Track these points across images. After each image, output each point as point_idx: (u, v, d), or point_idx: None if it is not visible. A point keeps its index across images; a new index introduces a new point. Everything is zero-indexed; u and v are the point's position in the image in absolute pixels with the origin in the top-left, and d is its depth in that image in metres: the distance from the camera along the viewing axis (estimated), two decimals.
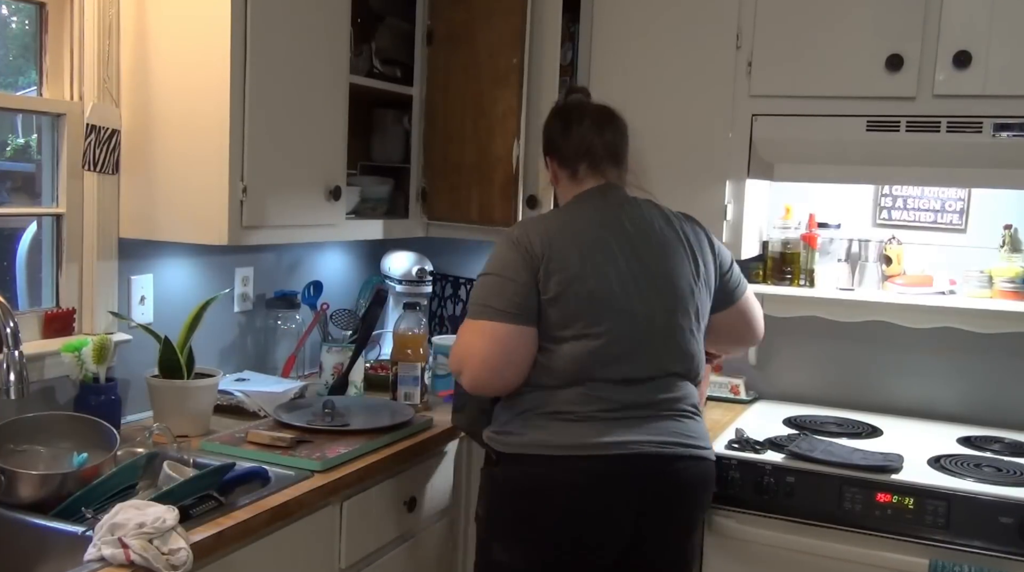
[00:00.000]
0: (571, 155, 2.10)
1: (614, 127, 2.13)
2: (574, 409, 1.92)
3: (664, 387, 1.99)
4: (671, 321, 2.00)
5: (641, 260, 1.99)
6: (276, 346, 2.82)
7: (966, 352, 2.74)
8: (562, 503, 1.91)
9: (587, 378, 1.93)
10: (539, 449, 1.92)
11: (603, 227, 2.01)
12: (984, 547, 2.08)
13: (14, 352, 1.72)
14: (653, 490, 1.93)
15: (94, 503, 1.71)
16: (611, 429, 1.91)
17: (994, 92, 2.31)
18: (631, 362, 1.95)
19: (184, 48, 2.15)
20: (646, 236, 2.03)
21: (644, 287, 1.97)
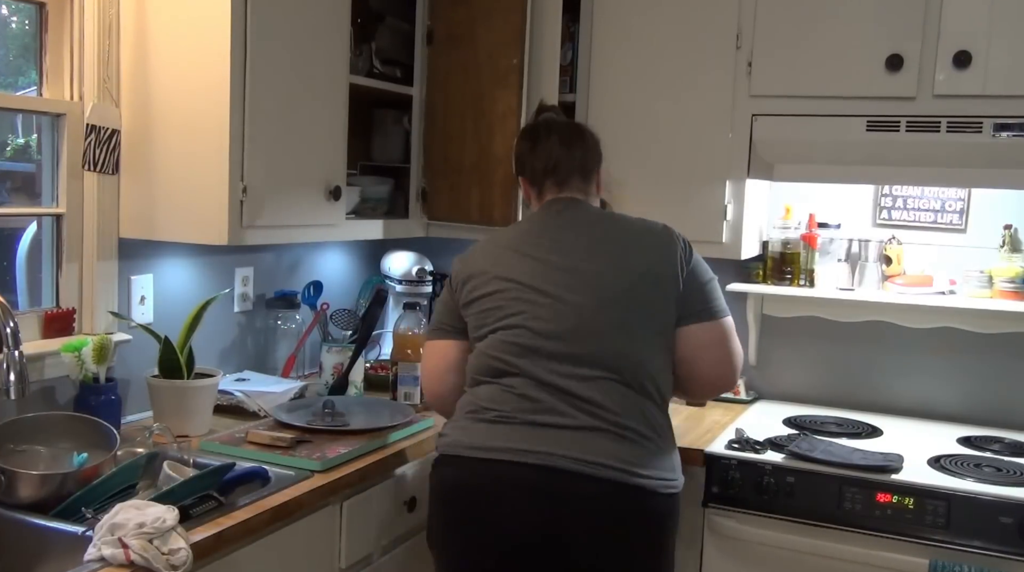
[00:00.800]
0: (538, 172, 2.08)
1: (583, 142, 2.10)
2: (491, 406, 1.89)
3: (601, 394, 1.84)
4: (605, 316, 1.88)
5: (568, 257, 1.93)
6: (276, 346, 2.82)
7: (966, 352, 2.74)
8: (458, 502, 1.89)
9: (507, 370, 1.88)
10: (452, 449, 1.91)
11: (529, 233, 2.02)
12: (984, 547, 2.08)
13: (14, 352, 1.72)
14: (547, 506, 1.80)
15: (94, 503, 1.71)
16: (518, 433, 1.83)
17: (994, 92, 2.31)
18: (554, 350, 1.86)
19: (184, 48, 2.15)
20: (582, 237, 1.97)
21: (569, 281, 1.90)
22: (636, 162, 2.70)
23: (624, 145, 2.71)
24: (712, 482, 2.32)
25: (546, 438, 1.82)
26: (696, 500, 2.35)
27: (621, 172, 2.72)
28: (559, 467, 1.79)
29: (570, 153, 2.08)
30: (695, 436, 2.48)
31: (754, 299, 2.90)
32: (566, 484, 1.79)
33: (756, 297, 2.89)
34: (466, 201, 2.81)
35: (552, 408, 1.84)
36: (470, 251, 2.08)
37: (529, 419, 1.84)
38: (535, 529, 1.81)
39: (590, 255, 1.95)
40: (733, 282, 2.85)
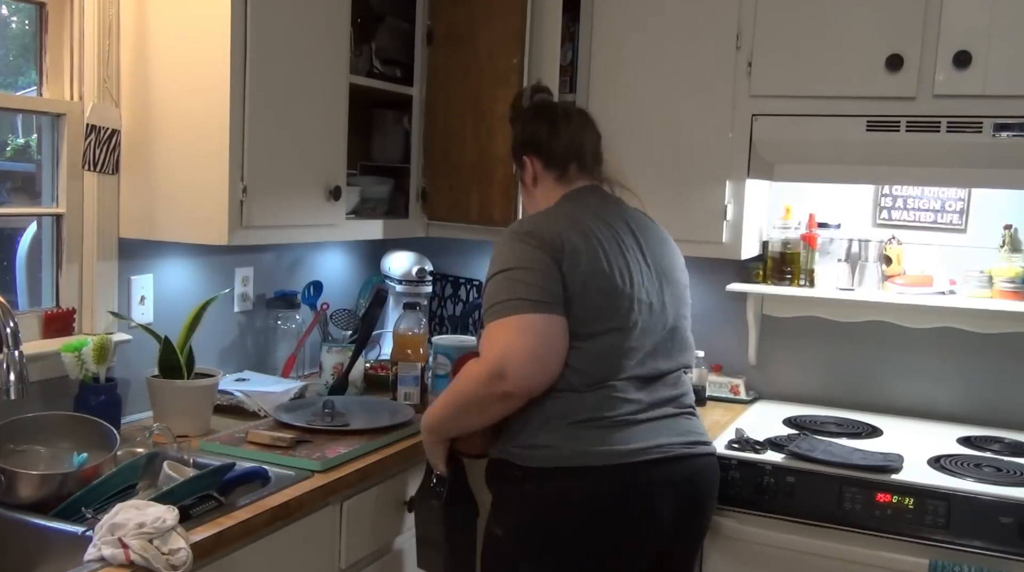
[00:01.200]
0: (560, 155, 2.06)
1: (594, 129, 2.13)
2: (604, 414, 1.85)
3: (676, 383, 2.00)
4: (678, 314, 2.02)
5: (649, 255, 1.99)
6: (276, 346, 2.82)
7: (966, 352, 2.74)
8: (604, 514, 1.84)
9: (613, 377, 1.87)
10: (577, 460, 1.83)
11: (610, 224, 1.96)
12: (984, 547, 2.08)
13: (14, 352, 1.72)
14: (686, 492, 1.93)
15: (94, 503, 1.71)
16: (643, 433, 1.88)
17: (994, 92, 2.31)
18: (655, 357, 1.94)
19: (184, 48, 2.15)
20: (647, 232, 2.04)
21: (656, 281, 1.97)
22: (636, 162, 2.69)
23: (624, 145, 2.70)
24: None
25: (657, 431, 1.90)
26: None
27: (620, 172, 2.72)
28: (680, 454, 1.91)
29: (589, 138, 2.10)
30: None
31: (754, 299, 2.90)
32: (689, 466, 1.93)
33: (756, 297, 2.89)
34: (466, 201, 2.81)
35: (655, 402, 1.93)
36: (548, 219, 1.93)
37: (639, 418, 1.89)
38: (682, 514, 1.93)
39: (661, 254, 2.04)
40: (733, 282, 2.85)
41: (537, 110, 2.14)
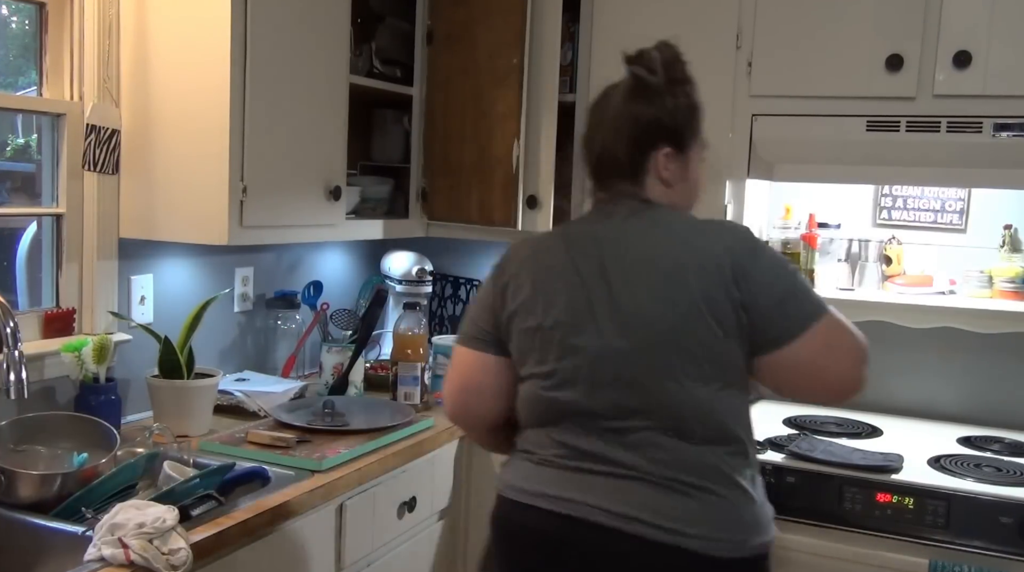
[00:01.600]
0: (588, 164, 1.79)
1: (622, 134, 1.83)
2: (535, 450, 1.64)
3: (646, 444, 1.54)
4: (647, 361, 1.55)
5: (611, 287, 1.59)
6: (276, 346, 2.82)
7: (966, 352, 2.74)
8: (512, 554, 1.65)
9: (549, 421, 1.62)
10: (501, 490, 1.68)
11: (574, 248, 1.65)
12: (984, 547, 2.08)
13: (14, 352, 1.72)
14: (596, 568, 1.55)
15: (94, 503, 1.71)
16: (564, 481, 1.58)
17: (994, 92, 2.31)
18: (586, 407, 1.58)
19: (184, 48, 2.15)
20: (630, 259, 1.61)
21: (608, 320, 1.57)
22: None
23: None
24: None
25: (581, 486, 1.57)
26: None
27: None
28: (590, 520, 1.54)
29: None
30: None
31: None
32: (596, 540, 1.54)
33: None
34: (466, 201, 2.81)
35: (594, 454, 1.57)
36: (527, 243, 1.75)
37: (568, 464, 1.59)
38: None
39: (638, 286, 1.59)
40: None
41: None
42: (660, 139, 1.76)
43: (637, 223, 1.67)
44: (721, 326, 1.54)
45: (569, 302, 1.61)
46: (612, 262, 1.61)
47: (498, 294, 1.69)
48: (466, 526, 2.59)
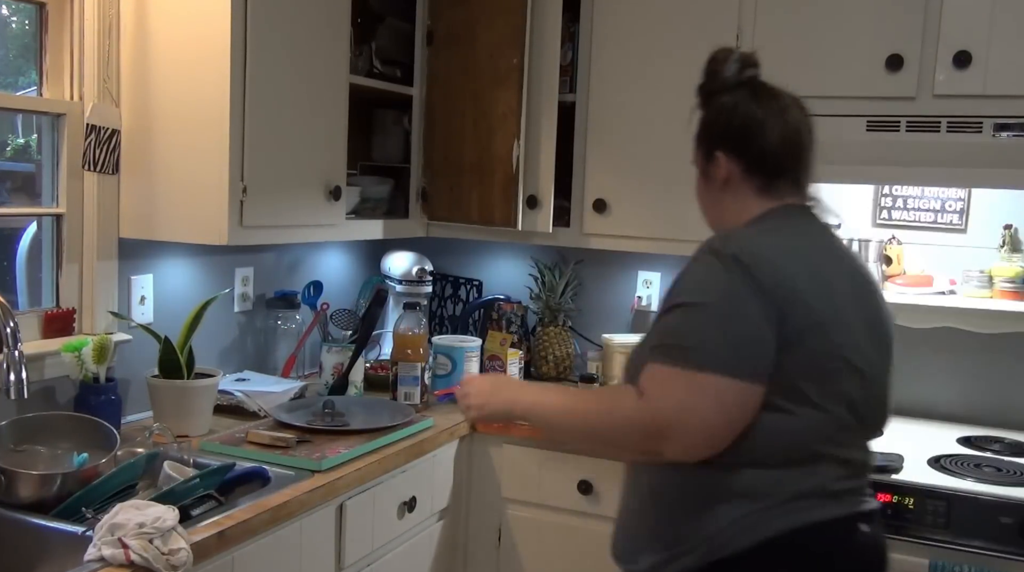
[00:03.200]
0: (776, 158, 1.57)
1: (812, 127, 1.62)
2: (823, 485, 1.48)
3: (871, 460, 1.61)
4: (889, 380, 1.66)
5: (865, 306, 1.57)
6: (276, 346, 2.82)
7: (966, 352, 2.74)
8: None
9: (816, 455, 1.48)
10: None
11: (833, 260, 1.55)
12: (984, 547, 2.08)
13: (14, 352, 1.72)
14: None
15: (94, 503, 1.70)
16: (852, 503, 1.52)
17: (994, 92, 2.31)
18: (863, 436, 1.58)
19: (184, 48, 2.15)
20: (862, 275, 1.61)
21: (873, 341, 1.58)
22: (636, 162, 2.70)
23: (624, 145, 2.71)
24: None
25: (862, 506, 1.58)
26: None
27: (621, 172, 2.72)
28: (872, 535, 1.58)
29: (810, 142, 1.60)
30: None
31: None
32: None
33: None
34: (466, 201, 2.82)
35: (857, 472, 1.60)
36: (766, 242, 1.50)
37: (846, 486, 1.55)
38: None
39: (875, 303, 1.63)
40: None
41: (754, 91, 1.60)
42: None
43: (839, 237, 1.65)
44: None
45: (854, 322, 1.54)
46: (859, 277, 1.60)
47: (771, 306, 1.42)
48: (466, 526, 2.59)
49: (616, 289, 3.12)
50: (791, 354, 1.43)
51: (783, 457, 1.46)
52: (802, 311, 1.43)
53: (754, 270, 1.43)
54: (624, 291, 3.12)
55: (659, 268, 3.05)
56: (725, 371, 1.40)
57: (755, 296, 1.42)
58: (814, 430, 1.47)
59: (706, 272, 1.47)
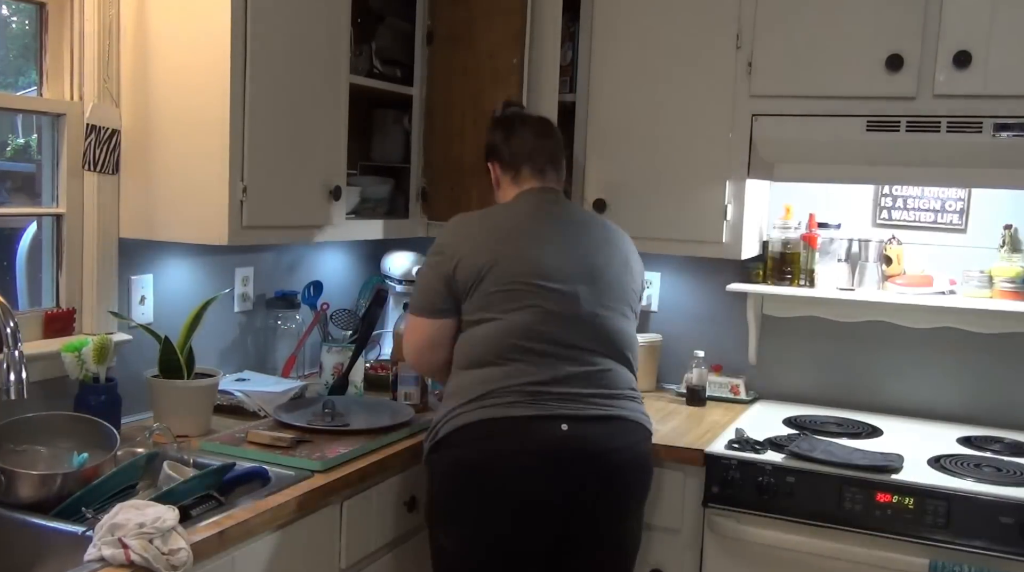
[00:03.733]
0: (514, 157, 2.24)
1: (553, 135, 2.29)
2: (502, 385, 2.00)
3: (593, 365, 2.06)
4: (597, 307, 2.09)
5: (575, 252, 2.12)
6: (276, 346, 2.82)
7: (966, 352, 2.74)
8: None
9: (513, 353, 2.02)
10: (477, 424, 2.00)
11: (534, 218, 2.16)
12: (984, 547, 2.08)
13: (14, 352, 1.72)
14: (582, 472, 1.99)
15: (94, 503, 1.71)
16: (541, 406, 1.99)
17: (994, 92, 2.31)
18: (558, 338, 2.03)
19: (184, 48, 2.15)
20: (577, 228, 2.18)
21: (572, 271, 2.08)
22: (636, 162, 2.70)
23: (624, 145, 2.71)
24: (712, 482, 2.32)
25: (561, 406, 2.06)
26: (696, 500, 2.35)
27: (621, 172, 2.72)
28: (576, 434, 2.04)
29: (544, 143, 2.26)
30: (695, 436, 2.48)
31: (754, 299, 2.90)
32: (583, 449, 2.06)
33: (756, 297, 2.89)
34: (466, 201, 2.81)
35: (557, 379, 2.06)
36: (466, 223, 2.17)
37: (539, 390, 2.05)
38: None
39: (587, 248, 2.15)
40: (733, 282, 2.85)
41: (498, 121, 2.33)
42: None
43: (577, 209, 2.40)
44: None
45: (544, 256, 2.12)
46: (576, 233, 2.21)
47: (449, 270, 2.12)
48: None
49: None
50: (479, 286, 2.05)
51: (480, 361, 2.04)
52: (469, 262, 2.06)
53: (435, 248, 2.15)
54: None
55: (659, 268, 3.05)
56: (419, 314, 2.14)
57: (439, 265, 2.11)
58: (503, 335, 2.02)
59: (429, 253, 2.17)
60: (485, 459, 1.98)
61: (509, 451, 1.96)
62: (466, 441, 2.00)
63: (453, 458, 2.03)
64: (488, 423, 1.98)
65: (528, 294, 2.04)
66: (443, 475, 2.05)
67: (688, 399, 2.85)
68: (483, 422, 1.98)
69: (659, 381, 3.04)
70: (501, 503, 1.97)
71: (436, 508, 2.08)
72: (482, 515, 1.99)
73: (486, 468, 1.98)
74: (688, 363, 2.88)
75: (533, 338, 2.02)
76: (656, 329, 3.07)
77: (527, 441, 1.96)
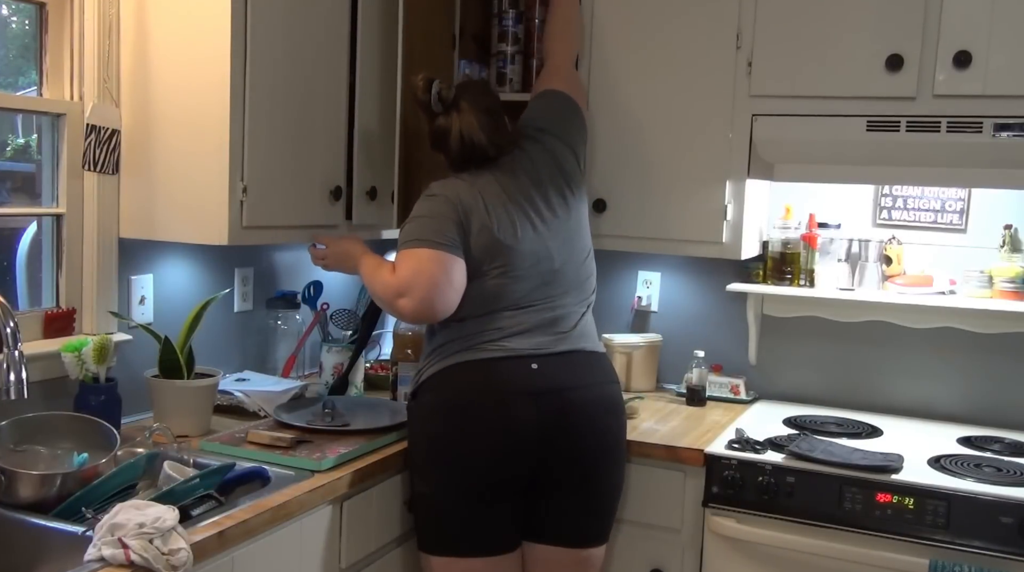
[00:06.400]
0: (457, 158, 2.25)
1: (483, 102, 2.25)
2: (479, 332, 2.12)
3: (560, 308, 2.19)
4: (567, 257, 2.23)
5: (535, 207, 2.21)
6: (276, 346, 2.82)
7: (966, 352, 2.74)
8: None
9: (490, 309, 2.13)
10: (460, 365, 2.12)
11: (501, 186, 2.20)
12: (984, 547, 2.08)
13: (14, 352, 1.72)
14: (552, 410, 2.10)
15: (94, 503, 1.71)
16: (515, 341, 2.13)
17: (994, 92, 2.31)
18: (533, 294, 2.16)
19: (184, 48, 2.15)
20: (532, 180, 2.25)
21: (540, 231, 2.19)
22: (636, 162, 2.70)
23: (624, 145, 2.71)
24: (712, 482, 2.32)
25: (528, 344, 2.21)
26: (696, 500, 2.35)
27: (621, 172, 2.72)
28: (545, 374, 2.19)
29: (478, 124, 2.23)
30: (695, 436, 2.48)
31: (754, 299, 2.90)
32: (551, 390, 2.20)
33: (756, 297, 2.89)
34: None
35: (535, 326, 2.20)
36: (456, 183, 2.19)
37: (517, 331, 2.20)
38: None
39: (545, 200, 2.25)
40: (733, 282, 2.85)
41: (424, 107, 2.27)
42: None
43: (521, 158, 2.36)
44: None
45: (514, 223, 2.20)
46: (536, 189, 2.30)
47: (461, 215, 2.18)
48: None
49: (616, 289, 3.12)
50: (470, 243, 2.12)
51: (461, 315, 2.11)
52: (472, 213, 2.13)
53: (437, 199, 2.15)
54: (624, 291, 3.12)
55: (659, 268, 3.06)
56: (437, 247, 2.08)
57: (451, 206, 2.13)
58: (484, 294, 2.13)
59: (420, 202, 2.19)
60: (461, 398, 2.09)
61: (483, 389, 2.08)
62: (443, 384, 2.12)
63: (429, 402, 2.14)
64: (464, 365, 2.10)
65: (506, 255, 2.14)
66: (422, 419, 2.15)
67: (688, 399, 2.85)
68: (459, 365, 2.10)
69: (659, 381, 3.04)
70: (477, 440, 2.06)
71: (414, 452, 2.16)
72: (459, 456, 2.08)
73: (462, 406, 2.09)
74: (688, 363, 2.88)
75: (508, 297, 2.14)
76: (656, 329, 3.07)
77: (500, 379, 2.09)
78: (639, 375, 2.97)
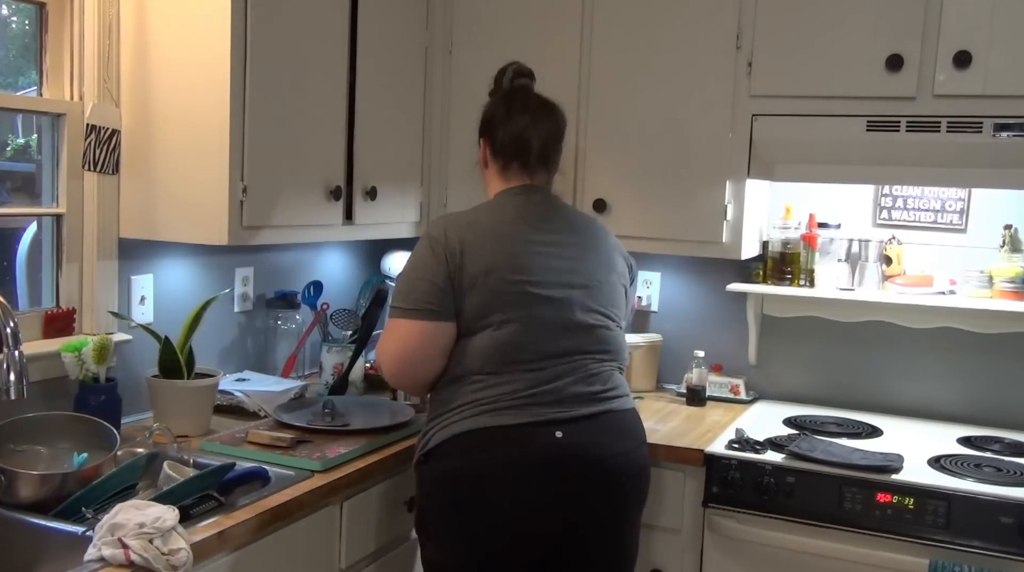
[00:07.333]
0: (505, 149, 2.08)
1: (553, 124, 2.11)
2: (493, 394, 1.92)
3: (584, 367, 1.98)
4: (588, 310, 2.01)
5: (564, 250, 2.03)
6: (276, 346, 2.82)
7: (966, 352, 2.74)
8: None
9: (505, 364, 1.93)
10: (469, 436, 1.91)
11: (524, 222, 2.02)
12: (984, 547, 2.08)
13: (14, 352, 1.72)
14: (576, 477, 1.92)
15: (94, 503, 1.71)
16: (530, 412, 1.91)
17: (994, 92, 2.31)
18: (550, 348, 1.95)
19: (184, 48, 2.15)
20: (566, 230, 2.07)
21: (563, 278, 1.99)
22: (636, 162, 2.70)
23: (624, 145, 2.71)
24: (712, 482, 2.32)
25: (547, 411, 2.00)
26: (696, 500, 2.35)
27: (621, 172, 2.72)
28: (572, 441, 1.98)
29: (539, 136, 2.08)
30: (695, 436, 2.48)
31: (754, 299, 2.90)
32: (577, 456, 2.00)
33: (756, 297, 2.89)
34: None
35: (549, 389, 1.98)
36: (461, 221, 2.01)
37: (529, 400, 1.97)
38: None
39: (576, 253, 2.06)
40: (733, 282, 2.85)
41: (504, 95, 2.14)
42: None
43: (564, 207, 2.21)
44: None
45: (535, 265, 2.01)
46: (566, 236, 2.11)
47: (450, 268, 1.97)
48: None
49: None
50: (473, 291, 1.93)
51: (470, 370, 1.94)
52: (471, 261, 1.93)
53: (431, 241, 1.97)
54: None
55: (659, 268, 3.05)
56: (406, 316, 1.95)
57: (438, 260, 1.94)
58: (495, 346, 1.93)
59: (415, 248, 2.02)
60: (476, 471, 1.90)
61: (501, 462, 1.88)
62: (456, 452, 1.91)
63: (443, 469, 1.94)
64: (479, 432, 1.89)
65: (521, 303, 1.94)
66: (433, 487, 1.98)
67: (688, 399, 2.85)
68: (474, 432, 1.89)
69: (659, 381, 3.04)
70: (494, 516, 1.89)
71: (426, 520, 2.02)
72: (474, 529, 1.91)
73: (478, 480, 1.89)
74: (688, 363, 2.88)
75: (525, 348, 1.93)
76: (656, 329, 3.07)
77: (520, 451, 1.88)
78: (639, 375, 2.96)
